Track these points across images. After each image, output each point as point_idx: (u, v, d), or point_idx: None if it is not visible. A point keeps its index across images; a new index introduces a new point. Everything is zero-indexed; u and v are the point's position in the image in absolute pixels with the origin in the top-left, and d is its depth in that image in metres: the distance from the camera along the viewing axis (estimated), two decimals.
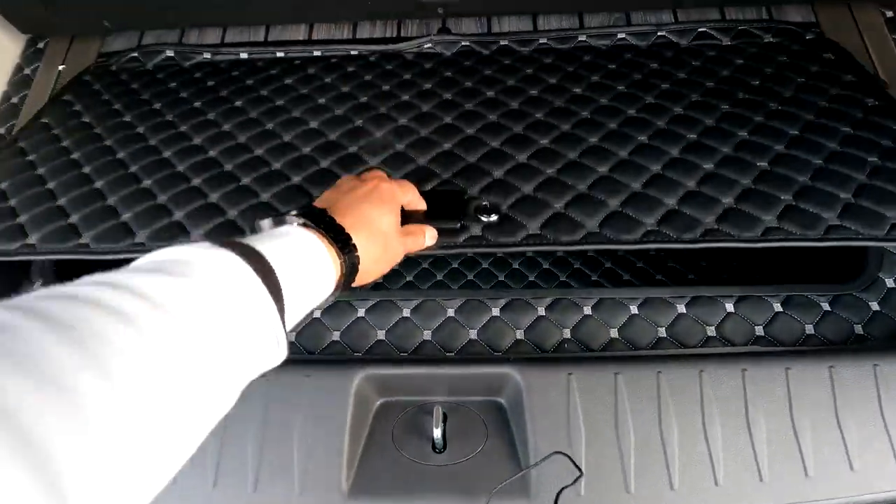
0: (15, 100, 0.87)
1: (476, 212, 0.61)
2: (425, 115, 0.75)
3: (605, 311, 0.66)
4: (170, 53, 0.87)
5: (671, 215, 0.63)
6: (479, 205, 0.62)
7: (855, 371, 0.55)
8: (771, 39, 0.82)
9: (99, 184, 0.69)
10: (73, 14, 0.87)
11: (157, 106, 0.80)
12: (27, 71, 0.90)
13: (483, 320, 0.67)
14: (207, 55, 0.87)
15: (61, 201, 0.69)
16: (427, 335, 0.66)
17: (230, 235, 0.52)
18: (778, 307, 0.64)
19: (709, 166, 0.67)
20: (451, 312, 0.67)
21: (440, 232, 0.60)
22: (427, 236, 0.55)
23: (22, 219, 0.68)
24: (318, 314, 0.66)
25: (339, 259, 0.39)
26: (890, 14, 0.84)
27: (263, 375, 0.31)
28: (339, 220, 0.41)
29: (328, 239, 0.39)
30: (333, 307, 0.67)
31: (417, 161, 0.69)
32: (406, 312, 0.66)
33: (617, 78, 0.78)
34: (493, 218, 0.62)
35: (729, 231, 0.60)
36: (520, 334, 0.66)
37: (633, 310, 0.66)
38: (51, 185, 0.71)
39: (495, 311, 0.67)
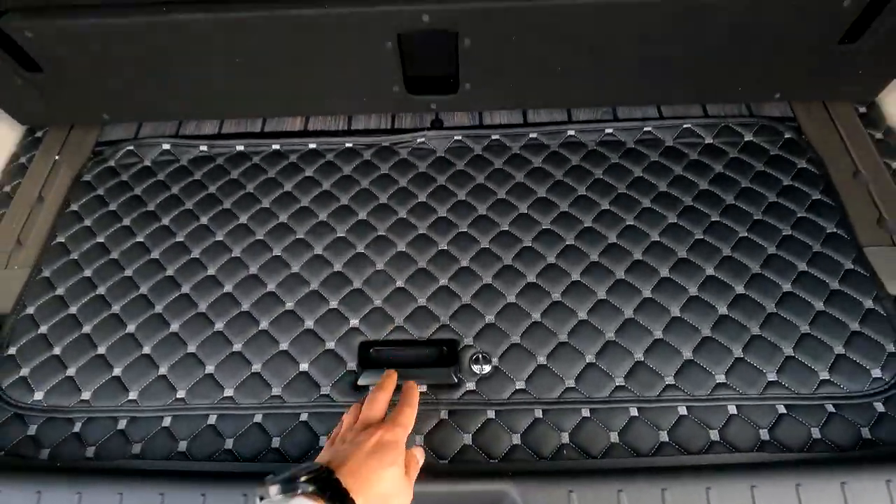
0: (7, 188, 0.87)
1: (471, 362, 0.67)
2: (421, 238, 0.78)
3: (605, 413, 0.64)
4: (166, 147, 0.89)
5: (636, 368, 0.66)
6: (472, 355, 0.68)
7: (868, 485, 0.52)
8: (752, 139, 0.85)
9: (132, 327, 0.73)
10: (72, 108, 0.89)
11: (166, 222, 0.82)
12: (23, 160, 0.90)
13: (478, 423, 0.64)
14: (204, 147, 0.88)
15: (101, 349, 0.71)
16: (419, 440, 0.63)
17: (255, 388, 0.67)
18: (782, 409, 0.63)
19: (675, 313, 0.70)
20: (444, 415, 0.65)
21: (438, 388, 0.66)
22: (418, 455, 0.57)
23: (71, 371, 0.70)
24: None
25: None
26: (863, 110, 0.88)
27: None
28: (345, 481, 0.45)
29: None
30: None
31: (418, 300, 0.73)
32: None
33: (602, 194, 0.81)
34: (487, 370, 0.67)
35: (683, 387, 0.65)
36: (516, 439, 0.63)
37: (633, 412, 0.63)
38: (87, 328, 0.73)
39: (490, 414, 0.64)
